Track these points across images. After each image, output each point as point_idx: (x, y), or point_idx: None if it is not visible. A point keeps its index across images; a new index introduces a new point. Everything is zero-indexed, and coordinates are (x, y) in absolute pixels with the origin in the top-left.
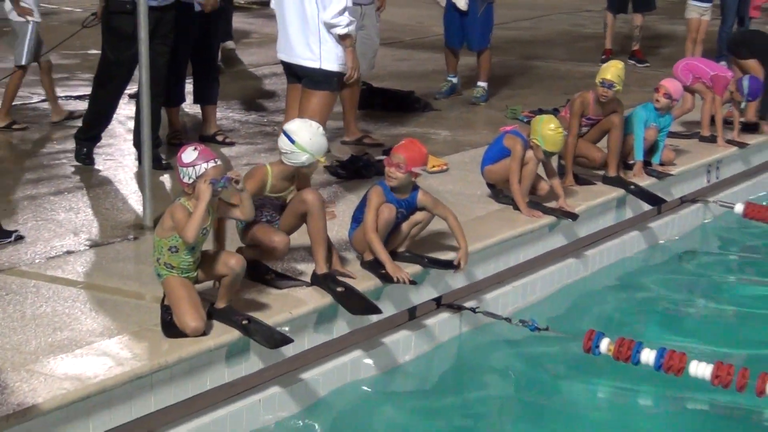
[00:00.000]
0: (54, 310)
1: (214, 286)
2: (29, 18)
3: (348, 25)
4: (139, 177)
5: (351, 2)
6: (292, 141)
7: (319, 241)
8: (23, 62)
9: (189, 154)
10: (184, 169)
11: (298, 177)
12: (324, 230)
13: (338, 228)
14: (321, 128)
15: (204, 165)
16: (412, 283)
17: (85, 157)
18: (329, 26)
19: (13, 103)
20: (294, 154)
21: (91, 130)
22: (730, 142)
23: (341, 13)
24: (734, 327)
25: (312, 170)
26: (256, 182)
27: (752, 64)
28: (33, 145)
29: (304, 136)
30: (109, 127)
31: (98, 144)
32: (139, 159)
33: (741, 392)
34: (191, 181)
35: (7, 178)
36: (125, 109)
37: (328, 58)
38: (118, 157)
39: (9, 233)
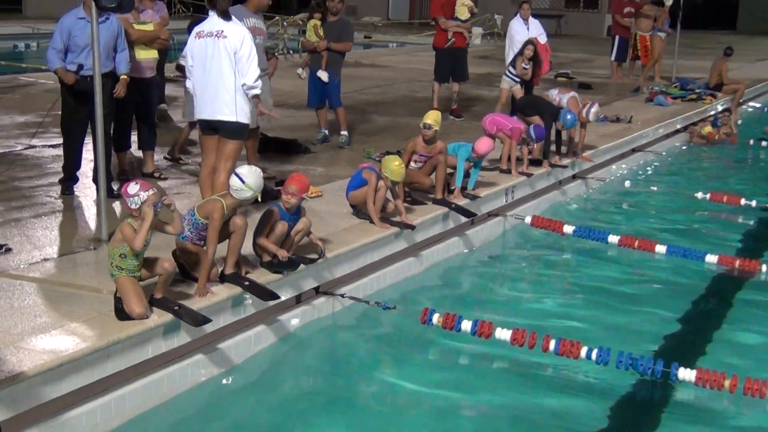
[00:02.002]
0: (35, 302)
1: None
2: None
3: (259, 87)
4: (97, 204)
5: (260, 71)
6: (243, 181)
7: (233, 252)
8: None
9: (132, 187)
10: (130, 198)
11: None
12: (240, 245)
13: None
14: (261, 173)
15: (145, 194)
16: (291, 262)
17: (69, 193)
18: (248, 88)
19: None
20: (242, 190)
21: (66, 172)
22: (521, 173)
23: (257, 79)
24: (526, 304)
25: (248, 203)
26: (219, 214)
27: (536, 119)
28: (17, 182)
29: (251, 178)
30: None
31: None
32: (97, 190)
33: (531, 350)
34: (137, 206)
35: None
36: (85, 154)
37: (241, 113)
38: (81, 189)
39: (0, 246)
